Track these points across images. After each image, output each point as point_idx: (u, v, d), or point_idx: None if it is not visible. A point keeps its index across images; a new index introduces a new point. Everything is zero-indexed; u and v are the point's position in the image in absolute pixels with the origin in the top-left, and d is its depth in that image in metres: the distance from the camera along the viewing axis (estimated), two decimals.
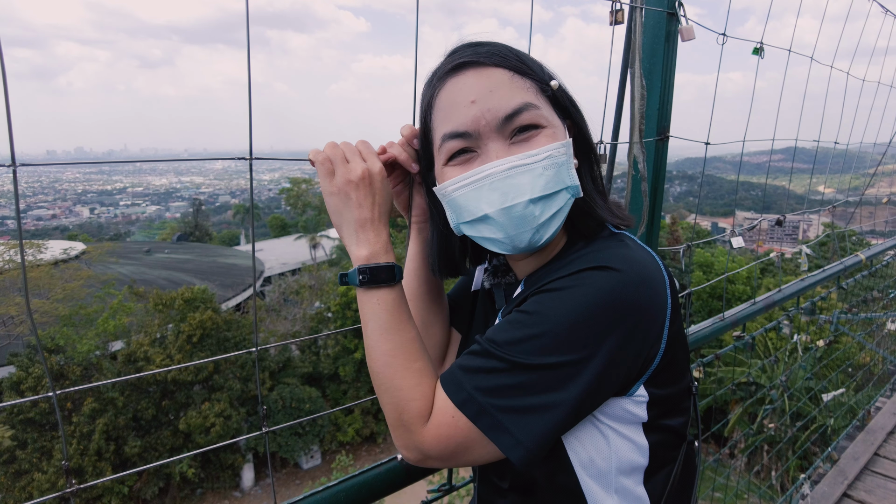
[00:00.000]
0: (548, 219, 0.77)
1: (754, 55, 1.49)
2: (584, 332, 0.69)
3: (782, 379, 2.92)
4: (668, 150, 1.37)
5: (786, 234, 53.47)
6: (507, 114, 0.75)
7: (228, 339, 16.37)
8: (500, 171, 0.75)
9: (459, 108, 0.77)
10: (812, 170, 2.71)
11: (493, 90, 0.76)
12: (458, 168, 0.79)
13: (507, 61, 0.78)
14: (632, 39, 1.24)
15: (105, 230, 71.11)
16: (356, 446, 18.82)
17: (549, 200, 0.76)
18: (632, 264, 0.73)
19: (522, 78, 0.78)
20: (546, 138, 0.76)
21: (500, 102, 0.75)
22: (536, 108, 0.77)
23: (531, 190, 0.75)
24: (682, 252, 1.53)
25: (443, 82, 0.79)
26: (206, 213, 53.16)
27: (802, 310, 2.63)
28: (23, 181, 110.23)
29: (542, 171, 0.75)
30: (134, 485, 15.03)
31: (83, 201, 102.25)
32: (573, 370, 0.69)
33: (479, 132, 0.76)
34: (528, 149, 0.76)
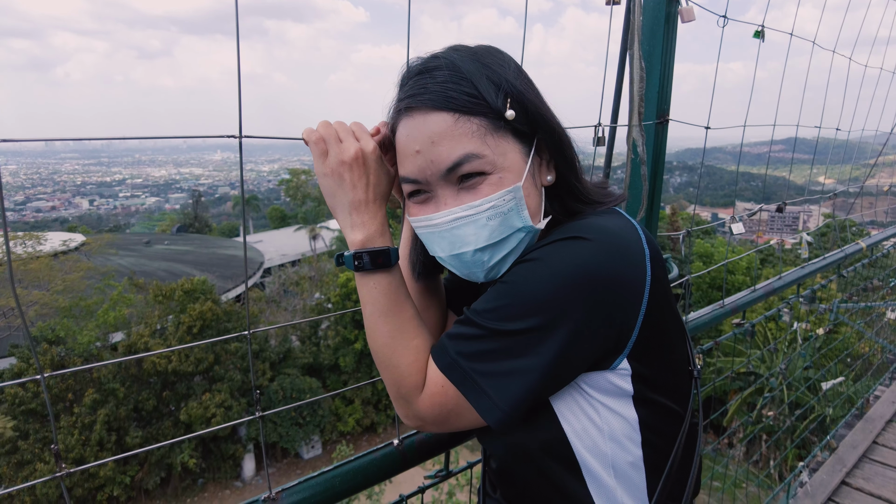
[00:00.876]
0: (498, 261, 0.78)
1: (755, 38, 1.47)
2: (552, 299, 0.70)
3: (781, 367, 2.92)
4: (667, 133, 1.35)
5: (786, 225, 53.44)
6: (448, 167, 0.75)
7: (228, 330, 16.40)
8: (445, 223, 0.77)
9: (407, 156, 0.78)
10: (812, 160, 2.70)
11: (436, 141, 0.75)
12: (416, 206, 0.81)
13: (453, 103, 0.75)
14: (631, 21, 1.22)
15: (104, 222, 71.08)
16: (357, 436, 18.92)
17: (497, 247, 0.78)
18: (605, 234, 0.73)
19: (469, 119, 0.75)
20: (490, 186, 0.75)
21: (440, 155, 0.75)
22: (478, 157, 0.75)
23: (475, 240, 0.77)
24: (681, 239, 1.52)
25: (397, 120, 0.80)
26: (205, 205, 53.11)
27: (802, 298, 2.63)
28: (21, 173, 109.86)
29: (486, 221, 0.76)
30: (136, 475, 15.12)
31: (82, 193, 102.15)
32: (540, 336, 0.71)
33: (427, 180, 0.77)
34: (473, 197, 0.76)
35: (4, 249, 15.58)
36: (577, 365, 0.74)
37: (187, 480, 16.43)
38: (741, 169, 38.71)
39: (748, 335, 2.09)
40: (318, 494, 0.94)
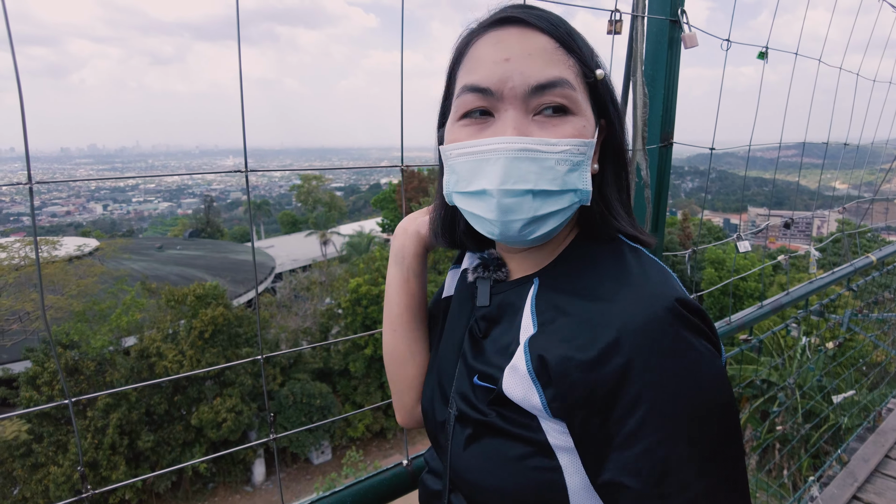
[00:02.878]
0: (544, 215, 0.69)
1: (759, 59, 1.48)
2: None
3: (790, 381, 2.91)
4: (671, 155, 1.37)
5: (799, 231, 52.85)
6: (539, 83, 0.67)
7: (240, 335, 16.51)
8: (510, 150, 0.67)
9: (489, 63, 0.69)
10: (822, 165, 2.69)
11: (533, 54, 0.67)
12: (468, 129, 0.71)
13: (557, 30, 0.70)
14: (634, 49, 1.24)
15: (118, 226, 71.85)
16: (366, 441, 18.93)
17: (551, 198, 0.68)
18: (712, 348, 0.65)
19: (567, 53, 0.69)
20: (572, 128, 0.68)
21: (534, 69, 0.67)
22: (572, 88, 0.68)
23: (536, 180, 0.67)
24: (686, 258, 1.53)
25: (481, 34, 0.72)
26: (217, 210, 53.54)
27: (811, 312, 2.62)
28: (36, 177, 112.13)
29: (554, 164, 0.67)
30: (147, 479, 15.22)
31: (96, 198, 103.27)
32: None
33: (503, 94, 0.68)
34: (548, 132, 0.68)
35: (23, 255, 15.75)
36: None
37: (198, 484, 16.52)
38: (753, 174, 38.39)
39: (756, 350, 2.09)
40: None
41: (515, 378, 0.69)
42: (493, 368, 0.75)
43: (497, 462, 0.71)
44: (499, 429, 0.72)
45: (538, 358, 0.67)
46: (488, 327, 0.80)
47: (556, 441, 0.68)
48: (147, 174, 0.79)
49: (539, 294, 0.76)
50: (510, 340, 0.75)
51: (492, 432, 0.73)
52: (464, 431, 0.76)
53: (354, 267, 22.78)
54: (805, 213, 3.21)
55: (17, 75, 0.56)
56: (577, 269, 0.75)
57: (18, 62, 0.57)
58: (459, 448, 0.76)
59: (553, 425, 0.68)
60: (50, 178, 0.68)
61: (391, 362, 0.99)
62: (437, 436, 0.85)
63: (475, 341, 0.81)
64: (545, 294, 0.75)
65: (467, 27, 0.76)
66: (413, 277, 0.96)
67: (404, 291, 0.96)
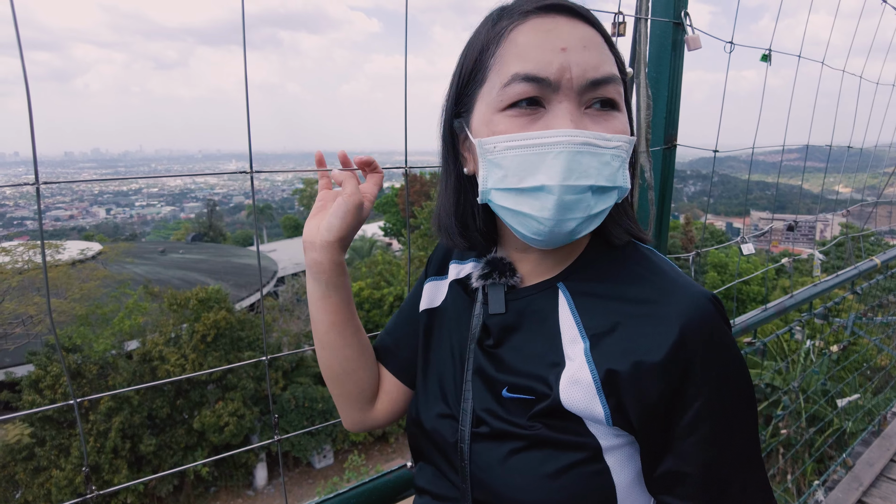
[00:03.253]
0: (597, 213, 0.67)
1: (763, 62, 1.49)
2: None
3: (794, 385, 2.90)
4: (675, 157, 1.37)
5: (802, 235, 52.71)
6: (597, 78, 0.65)
7: (242, 339, 16.51)
8: (574, 143, 0.63)
9: (545, 51, 0.65)
10: (826, 169, 2.69)
11: (588, 47, 0.66)
12: (517, 120, 0.66)
13: (600, 25, 0.70)
14: (637, 51, 1.24)
15: (121, 230, 72.01)
16: (368, 446, 18.90)
17: (605, 194, 0.67)
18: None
19: (610, 49, 0.69)
20: (620, 124, 0.68)
21: (592, 62, 0.65)
22: (620, 84, 0.68)
23: (597, 175, 0.65)
24: (690, 260, 1.53)
25: (523, 19, 0.67)
26: (219, 214, 53.66)
27: (815, 315, 2.61)
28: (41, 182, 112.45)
29: (610, 159, 0.66)
30: (149, 482, 15.22)
31: (100, 202, 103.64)
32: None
33: (561, 85, 0.64)
34: (602, 127, 0.66)
35: (26, 259, 15.79)
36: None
37: (199, 488, 16.49)
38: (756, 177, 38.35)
39: (760, 354, 2.09)
40: None
41: (578, 389, 0.68)
42: (528, 379, 0.72)
43: (544, 474, 0.69)
44: (544, 440, 0.70)
45: (606, 371, 0.67)
46: (503, 336, 0.77)
47: (605, 443, 0.69)
48: (152, 175, 0.79)
49: (577, 303, 0.73)
50: (544, 350, 0.73)
51: (536, 444, 0.70)
52: (500, 447, 0.72)
53: (357, 271, 22.80)
54: (808, 217, 3.20)
55: (26, 78, 0.56)
56: (606, 273, 0.74)
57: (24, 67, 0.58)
58: (496, 466, 0.72)
59: (605, 429, 0.69)
60: (57, 176, 0.68)
61: (328, 380, 0.94)
62: (446, 458, 0.79)
63: (490, 354, 0.78)
64: (582, 301, 0.73)
65: (496, 10, 0.71)
66: (333, 292, 0.87)
67: (326, 309, 0.88)
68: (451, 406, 0.80)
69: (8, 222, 75.66)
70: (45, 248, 13.56)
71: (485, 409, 0.75)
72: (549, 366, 0.71)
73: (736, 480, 0.66)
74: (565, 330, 0.72)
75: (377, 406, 0.96)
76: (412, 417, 0.87)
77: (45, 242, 14.08)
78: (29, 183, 0.63)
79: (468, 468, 0.75)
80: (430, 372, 0.86)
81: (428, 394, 0.85)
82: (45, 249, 0.70)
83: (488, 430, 0.74)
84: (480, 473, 0.73)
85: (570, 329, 0.72)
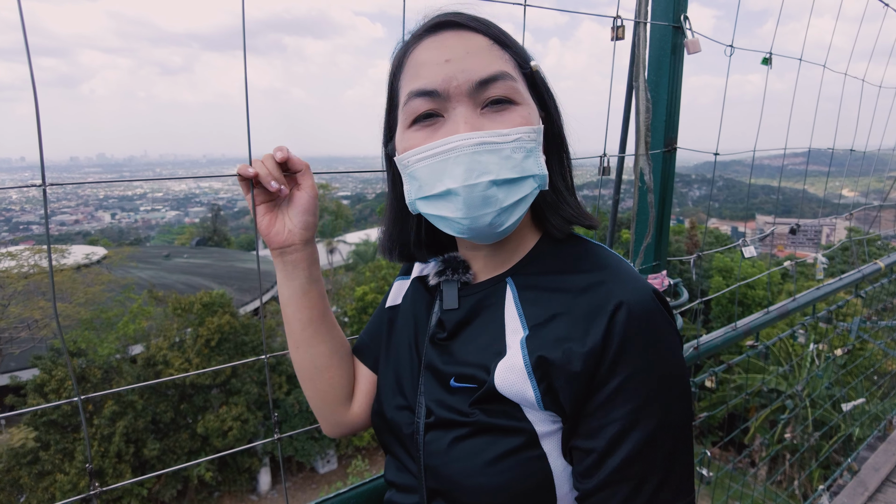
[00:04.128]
0: (511, 204, 0.70)
1: (763, 65, 1.49)
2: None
3: (798, 389, 2.89)
4: (675, 160, 1.37)
5: (807, 239, 52.57)
6: (483, 79, 0.69)
7: (246, 343, 16.54)
8: (468, 146, 0.68)
9: (431, 66, 0.71)
10: (828, 172, 2.68)
11: (471, 52, 0.71)
12: (420, 134, 0.72)
13: (489, 30, 0.74)
14: (636, 54, 1.24)
15: (125, 235, 72.27)
16: (372, 451, 18.87)
17: (514, 186, 0.70)
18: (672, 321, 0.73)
19: (502, 49, 0.73)
20: (519, 117, 0.71)
21: (476, 66, 0.70)
22: (513, 80, 0.71)
23: (497, 170, 0.69)
24: (692, 263, 1.53)
25: (418, 41, 0.74)
26: (224, 218, 53.86)
27: (819, 318, 2.60)
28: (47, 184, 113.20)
29: (511, 153, 0.69)
30: (153, 487, 15.22)
31: (105, 206, 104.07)
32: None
33: (449, 93, 0.70)
34: (499, 123, 0.70)
35: (32, 263, 15.86)
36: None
37: (203, 493, 16.49)
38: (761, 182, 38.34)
39: (762, 357, 2.08)
40: None
41: (511, 374, 0.71)
42: (473, 368, 0.76)
43: (484, 460, 0.72)
44: (484, 425, 0.73)
45: (538, 358, 0.70)
46: (456, 330, 0.81)
47: (540, 429, 0.71)
48: (156, 178, 0.81)
49: (521, 295, 0.77)
50: (490, 341, 0.77)
51: (477, 431, 0.74)
52: (446, 436, 0.76)
53: (361, 275, 22.80)
54: (812, 221, 3.20)
55: (33, 81, 0.57)
56: (551, 267, 0.78)
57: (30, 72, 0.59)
58: (442, 454, 0.76)
59: (539, 415, 0.71)
60: (63, 181, 0.69)
61: (301, 379, 0.96)
62: (405, 449, 0.83)
63: (441, 347, 0.81)
64: (527, 294, 0.77)
65: (401, 41, 0.79)
66: (313, 285, 0.91)
67: (306, 305, 0.91)
68: (408, 398, 0.83)
69: (14, 227, 76.05)
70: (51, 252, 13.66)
71: (434, 400, 0.79)
72: (493, 355, 0.75)
73: (644, 471, 0.66)
74: (509, 322, 0.76)
75: (355, 408, 0.98)
76: (375, 409, 0.90)
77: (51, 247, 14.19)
78: (36, 185, 0.64)
79: (422, 458, 0.78)
80: (390, 366, 0.90)
81: (388, 387, 0.88)
82: (51, 247, 0.71)
83: (436, 419, 0.78)
84: (431, 461, 0.77)
85: (513, 321, 0.76)
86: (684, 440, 0.69)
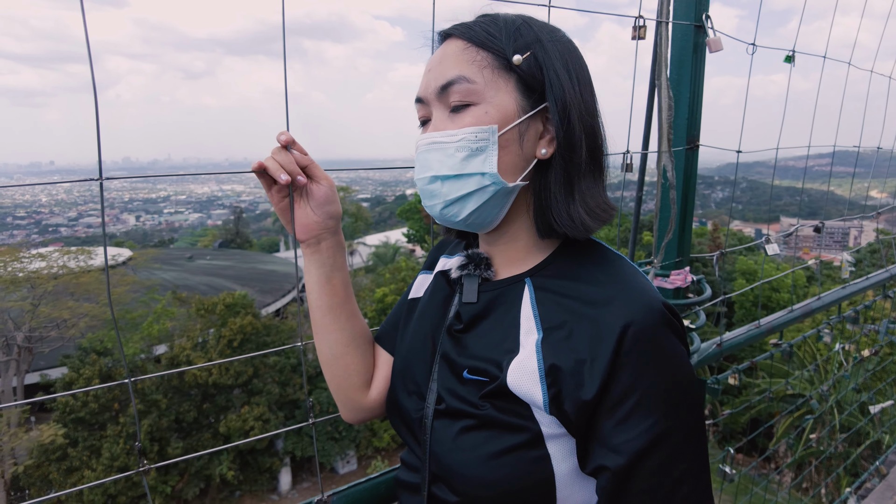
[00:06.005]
0: (457, 198, 0.77)
1: (787, 63, 1.49)
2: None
3: (823, 389, 2.85)
4: (697, 158, 1.38)
5: (834, 241, 51.44)
6: (441, 84, 0.77)
7: (267, 344, 16.73)
8: (423, 144, 0.79)
9: (423, 76, 0.81)
10: (853, 174, 2.65)
11: (442, 61, 0.78)
12: (420, 133, 0.83)
13: (470, 31, 0.77)
14: (658, 53, 1.26)
15: (149, 237, 73.55)
16: (391, 452, 18.94)
17: (457, 181, 0.76)
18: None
19: (477, 50, 0.76)
20: (472, 118, 0.75)
21: (440, 73, 0.77)
22: (468, 82, 0.75)
23: (438, 167, 0.77)
24: (714, 260, 1.53)
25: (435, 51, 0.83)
26: (246, 221, 54.56)
27: (845, 318, 2.57)
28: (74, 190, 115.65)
29: (454, 152, 0.75)
30: (176, 485, 15.47)
31: (129, 209, 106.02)
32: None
33: (428, 100, 0.79)
34: (455, 124, 0.76)
35: (61, 264, 16.16)
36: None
37: (224, 492, 16.71)
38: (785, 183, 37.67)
39: (786, 356, 2.07)
40: (366, 499, 1.00)
41: (523, 374, 0.74)
42: (485, 362, 0.78)
43: (487, 453, 0.74)
44: (492, 420, 0.75)
45: (550, 365, 0.72)
46: (472, 323, 0.83)
47: (547, 430, 0.73)
48: (202, 172, 0.85)
49: (538, 297, 0.79)
50: (503, 337, 0.79)
51: (484, 425, 0.76)
52: (453, 425, 0.79)
53: (380, 277, 22.93)
54: (838, 223, 3.16)
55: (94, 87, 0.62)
56: (567, 272, 0.80)
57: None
58: (448, 442, 0.78)
59: (546, 417, 0.73)
60: (117, 176, 0.72)
61: (321, 363, 1.00)
62: (413, 432, 0.86)
63: (456, 338, 0.84)
64: (544, 297, 0.79)
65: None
66: (336, 272, 0.96)
67: (329, 292, 0.96)
68: (419, 384, 0.87)
69: (43, 229, 77.92)
70: (78, 254, 13.71)
71: (446, 389, 0.82)
72: (505, 352, 0.77)
73: (666, 484, 0.68)
74: (524, 321, 0.78)
75: (374, 394, 1.01)
76: (388, 393, 0.95)
77: (78, 249, 14.31)
78: (93, 178, 0.68)
79: (428, 442, 0.82)
80: (406, 353, 0.93)
81: (402, 371, 0.92)
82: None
83: (446, 407, 0.80)
84: (436, 447, 0.80)
85: (528, 320, 0.78)
86: (700, 449, 0.71)
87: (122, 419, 14.76)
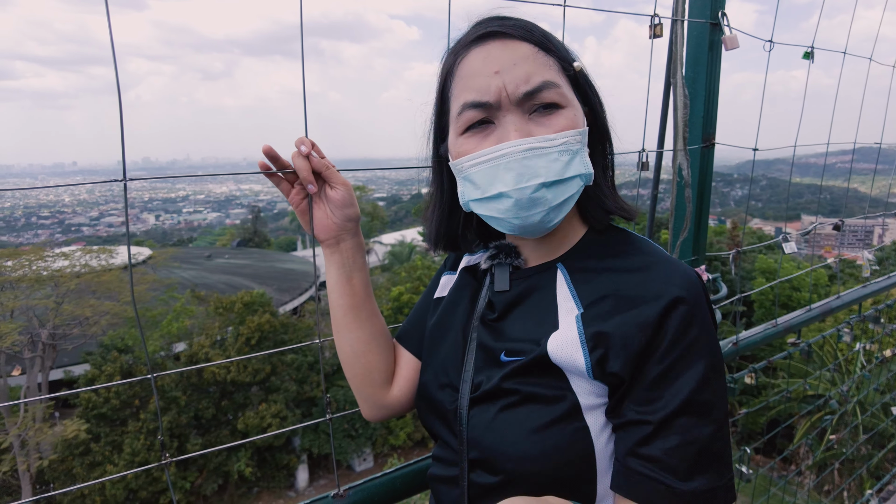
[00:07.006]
0: (559, 203, 0.76)
1: (805, 59, 1.48)
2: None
3: (842, 389, 2.81)
4: (713, 156, 1.37)
5: (857, 240, 50.40)
6: (529, 90, 0.75)
7: (285, 342, 16.89)
8: (518, 152, 0.74)
9: (481, 78, 0.76)
10: (875, 171, 2.60)
11: (518, 63, 0.75)
12: (473, 140, 0.78)
13: (533, 36, 0.78)
14: (674, 51, 1.26)
15: (169, 236, 74.58)
16: (407, 450, 19.00)
17: (561, 186, 0.76)
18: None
19: (546, 55, 0.77)
20: (565, 120, 0.76)
21: (523, 77, 0.75)
22: (558, 86, 0.76)
23: (546, 173, 0.74)
24: (731, 259, 1.53)
25: (467, 51, 0.79)
26: (264, 220, 55.01)
27: (866, 317, 2.53)
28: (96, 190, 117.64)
29: (558, 156, 0.75)
30: (195, 481, 15.69)
31: (149, 209, 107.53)
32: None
33: (500, 104, 0.76)
34: (546, 127, 0.75)
35: (83, 263, 16.45)
36: None
37: (242, 488, 16.89)
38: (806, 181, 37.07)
39: (805, 355, 2.04)
40: (381, 494, 1.01)
41: (564, 343, 0.76)
42: (523, 343, 0.81)
43: (530, 428, 0.76)
44: (531, 395, 0.77)
45: (593, 332, 0.75)
46: (506, 310, 0.86)
47: (584, 401, 0.75)
48: (222, 173, 0.88)
49: (573, 277, 0.83)
50: (541, 319, 0.81)
51: (524, 400, 0.78)
52: (492, 408, 0.80)
53: (396, 276, 23.00)
54: (859, 221, 3.11)
55: (119, 89, 0.64)
56: (599, 255, 0.83)
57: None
58: (486, 425, 0.80)
59: (586, 386, 0.75)
60: (140, 177, 0.74)
61: (341, 362, 1.02)
62: (449, 424, 0.87)
63: (491, 327, 0.86)
64: (580, 277, 0.82)
65: (450, 48, 0.84)
66: (357, 273, 0.98)
67: (349, 292, 0.98)
68: (451, 378, 0.88)
69: (66, 228, 79.38)
70: (100, 253, 13.88)
71: (484, 375, 0.83)
72: (545, 331, 0.79)
73: (699, 438, 0.70)
74: (562, 301, 0.81)
75: (395, 391, 1.03)
76: (419, 391, 0.96)
77: (100, 248, 14.50)
78: (118, 179, 0.70)
79: (465, 431, 0.83)
80: (435, 349, 0.95)
81: (433, 367, 0.93)
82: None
83: (483, 392, 0.82)
84: (474, 433, 0.81)
85: (566, 300, 0.81)
86: (726, 417, 0.73)
87: (142, 415, 14.99)
